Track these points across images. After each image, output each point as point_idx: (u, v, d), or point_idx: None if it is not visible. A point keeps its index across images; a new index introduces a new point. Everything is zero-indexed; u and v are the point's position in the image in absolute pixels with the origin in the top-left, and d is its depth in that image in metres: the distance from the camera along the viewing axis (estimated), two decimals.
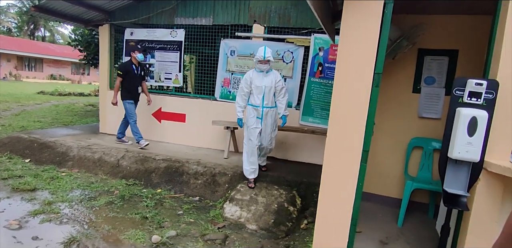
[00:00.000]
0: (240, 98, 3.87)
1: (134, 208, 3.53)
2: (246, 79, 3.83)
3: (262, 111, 3.85)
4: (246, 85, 3.84)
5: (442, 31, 3.22)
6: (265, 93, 3.81)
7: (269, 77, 3.83)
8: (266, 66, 3.74)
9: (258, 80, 3.79)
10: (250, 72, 3.87)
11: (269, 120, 3.90)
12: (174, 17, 5.49)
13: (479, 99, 1.73)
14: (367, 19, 1.97)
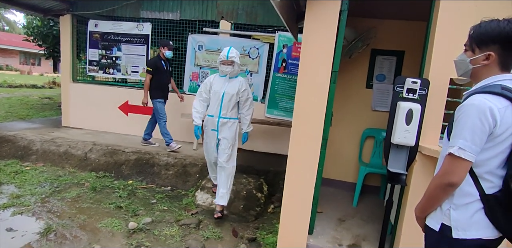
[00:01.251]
0: (198, 103, 3.41)
1: (107, 199, 3.62)
2: (206, 83, 3.40)
3: (217, 122, 3.31)
4: (205, 90, 3.40)
5: (391, 34, 3.64)
6: (223, 100, 3.28)
7: (232, 83, 3.32)
8: (229, 68, 3.23)
9: (218, 85, 3.32)
10: (212, 76, 3.45)
11: (226, 134, 3.32)
12: (140, 10, 5.49)
13: (415, 94, 2.10)
14: (325, 24, 2.27)
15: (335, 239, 2.76)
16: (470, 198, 1.30)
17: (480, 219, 1.29)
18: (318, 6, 2.26)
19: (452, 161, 1.27)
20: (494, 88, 1.26)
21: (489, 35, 1.31)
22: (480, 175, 1.28)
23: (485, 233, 1.29)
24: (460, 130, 1.25)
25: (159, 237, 2.90)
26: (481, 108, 1.21)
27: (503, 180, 1.25)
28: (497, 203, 1.26)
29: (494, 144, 1.24)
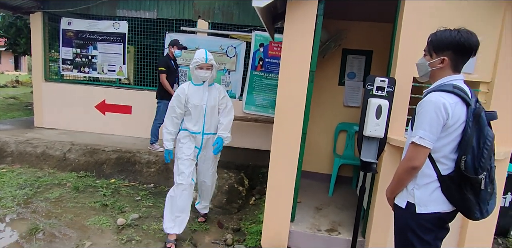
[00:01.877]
0: (170, 122, 2.82)
1: (91, 198, 3.66)
2: (178, 96, 2.79)
3: (202, 139, 2.88)
4: (178, 104, 2.79)
5: (360, 35, 3.92)
6: (206, 114, 2.84)
7: (212, 92, 2.86)
8: (208, 73, 2.76)
9: (196, 97, 2.79)
10: (184, 86, 2.83)
11: (210, 151, 2.93)
12: (116, 8, 5.46)
13: (383, 92, 2.35)
14: (303, 29, 2.47)
15: (314, 225, 3.00)
16: (429, 179, 1.55)
17: (437, 196, 1.55)
18: (297, 12, 2.46)
19: (414, 148, 1.52)
20: (447, 87, 1.52)
21: (443, 43, 1.57)
22: (437, 159, 1.54)
23: (442, 207, 1.56)
24: (420, 122, 1.50)
25: (148, 232, 3.01)
26: (436, 104, 1.47)
27: (455, 162, 1.51)
28: (451, 182, 1.52)
29: (447, 134, 1.50)
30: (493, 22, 2.36)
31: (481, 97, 2.48)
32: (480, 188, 1.46)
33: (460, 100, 1.49)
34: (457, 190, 1.52)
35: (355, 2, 3.18)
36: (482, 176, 1.44)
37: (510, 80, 2.38)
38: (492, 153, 1.48)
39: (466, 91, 1.53)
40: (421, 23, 2.38)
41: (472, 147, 1.46)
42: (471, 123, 1.47)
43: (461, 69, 1.61)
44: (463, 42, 1.52)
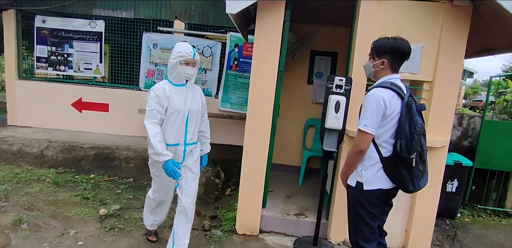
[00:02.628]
0: (155, 128, 2.29)
1: (72, 192, 3.79)
2: (158, 97, 2.29)
3: (184, 152, 2.45)
4: (159, 108, 2.30)
5: (327, 38, 4.28)
6: (189, 121, 2.42)
7: (195, 95, 2.47)
8: (194, 70, 2.38)
9: (177, 100, 2.35)
10: (162, 87, 2.34)
11: (191, 162, 2.51)
12: (93, 8, 5.54)
13: (341, 89, 2.69)
14: (272, 33, 2.77)
15: (284, 211, 3.31)
16: (374, 161, 1.90)
17: (380, 175, 1.90)
18: (266, 19, 2.76)
19: (360, 134, 1.85)
20: (386, 84, 1.88)
21: (383, 48, 1.92)
22: (379, 144, 1.88)
23: (384, 184, 1.91)
24: (364, 113, 1.84)
25: (130, 220, 3.21)
26: (377, 98, 1.81)
27: (393, 146, 1.86)
28: (390, 162, 1.87)
29: (386, 122, 1.84)
30: (433, 31, 2.75)
31: (425, 94, 2.88)
32: (412, 166, 1.81)
33: (396, 94, 1.84)
34: (395, 169, 1.86)
35: (321, 9, 3.52)
36: (413, 156, 1.79)
37: (447, 80, 2.78)
38: (421, 137, 1.84)
39: (401, 88, 1.88)
40: (373, 29, 2.73)
41: (405, 133, 1.81)
42: (404, 113, 1.82)
43: (398, 69, 1.97)
44: (397, 47, 1.88)
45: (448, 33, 2.72)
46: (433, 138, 2.74)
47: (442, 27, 2.73)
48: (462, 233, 3.64)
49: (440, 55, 2.76)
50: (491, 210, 4.29)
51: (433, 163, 2.81)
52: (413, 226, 2.95)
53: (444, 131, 2.81)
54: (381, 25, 2.74)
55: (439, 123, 2.81)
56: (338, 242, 3.01)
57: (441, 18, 2.73)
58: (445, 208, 3.88)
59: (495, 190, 4.37)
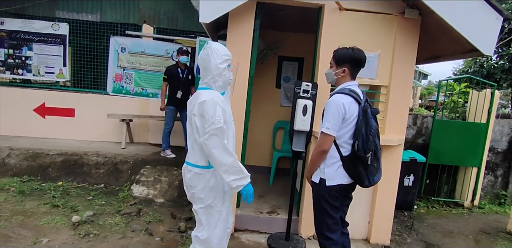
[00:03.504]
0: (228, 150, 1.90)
1: (40, 200, 3.69)
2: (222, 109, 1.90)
3: None
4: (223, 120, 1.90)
5: (294, 44, 4.51)
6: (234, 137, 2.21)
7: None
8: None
9: (229, 112, 2.08)
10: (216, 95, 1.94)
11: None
12: (56, 10, 5.39)
13: (308, 94, 2.90)
14: (243, 40, 2.93)
15: (257, 209, 3.47)
16: (335, 159, 2.11)
17: (340, 172, 2.12)
18: (237, 28, 2.91)
19: (323, 136, 2.05)
20: (345, 91, 2.10)
21: (343, 57, 2.15)
22: (340, 144, 2.10)
23: (343, 180, 2.13)
24: (327, 117, 2.05)
25: (104, 226, 3.21)
26: (337, 103, 2.03)
27: (351, 146, 2.08)
28: (349, 161, 2.10)
29: (346, 125, 2.07)
30: (388, 40, 3.05)
31: (382, 97, 3.17)
32: (368, 164, 2.05)
33: (354, 100, 2.07)
34: (353, 166, 2.09)
35: (288, 17, 3.73)
36: (369, 155, 2.03)
37: (401, 84, 3.09)
38: (375, 138, 2.07)
39: (358, 94, 2.12)
40: (336, 37, 2.98)
41: (362, 134, 2.03)
42: (361, 117, 2.05)
43: (355, 77, 2.21)
44: (356, 57, 2.13)
45: (400, 42, 3.03)
46: (390, 137, 3.03)
47: (395, 37, 3.03)
48: (418, 223, 4.00)
49: (394, 62, 3.06)
50: (443, 201, 4.75)
51: (390, 160, 3.13)
52: (375, 218, 3.23)
53: (400, 130, 3.12)
54: (343, 33, 2.99)
55: (395, 123, 3.10)
56: (308, 236, 3.22)
57: (395, 29, 3.03)
58: (403, 201, 4.23)
59: (446, 183, 4.83)
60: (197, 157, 2.00)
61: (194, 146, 2.01)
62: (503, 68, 7.05)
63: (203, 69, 2.00)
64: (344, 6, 2.92)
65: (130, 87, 5.66)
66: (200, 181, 2.00)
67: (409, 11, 2.96)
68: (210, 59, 1.95)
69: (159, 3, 5.45)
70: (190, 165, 2.03)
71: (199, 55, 2.00)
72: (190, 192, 2.08)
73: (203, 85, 2.02)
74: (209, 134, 1.84)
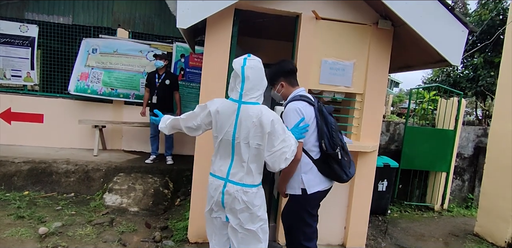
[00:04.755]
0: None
1: (3, 211, 3.48)
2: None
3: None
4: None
5: (271, 51, 4.54)
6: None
7: None
8: None
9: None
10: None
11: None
12: (24, 11, 5.17)
13: None
14: (221, 47, 2.92)
15: None
16: (309, 165, 2.15)
17: (318, 177, 2.16)
18: (215, 34, 2.90)
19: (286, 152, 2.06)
20: (296, 97, 2.20)
21: (274, 75, 2.29)
22: (308, 149, 2.15)
23: (321, 186, 2.19)
24: (290, 125, 2.07)
25: (74, 237, 3.05)
26: (293, 109, 2.12)
27: (319, 147, 2.13)
28: (321, 162, 2.15)
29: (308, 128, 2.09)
30: (363, 49, 3.14)
31: (357, 104, 3.25)
32: (339, 158, 2.11)
33: (307, 103, 2.14)
34: (327, 166, 2.15)
35: (264, 24, 3.77)
36: (337, 150, 2.10)
37: (375, 92, 3.18)
38: (338, 133, 2.17)
39: (309, 97, 2.20)
40: (313, 45, 3.04)
41: (325, 132, 2.11)
42: (319, 116, 2.13)
43: (296, 84, 2.30)
44: (284, 69, 2.27)
45: (374, 52, 3.13)
46: (365, 143, 3.11)
47: (369, 46, 3.13)
48: (392, 227, 4.10)
49: (369, 71, 3.15)
50: (415, 205, 4.90)
51: (365, 166, 3.20)
52: (351, 223, 3.28)
53: (374, 137, 3.20)
54: (319, 42, 3.05)
55: (370, 130, 3.19)
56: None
57: (369, 39, 3.13)
58: (377, 206, 4.33)
59: (417, 188, 5.00)
60: (254, 177, 1.93)
61: (249, 166, 1.92)
62: (468, 77, 7.46)
63: (255, 82, 1.90)
64: (320, 16, 2.99)
65: (97, 87, 5.35)
66: (260, 199, 1.97)
67: (382, 22, 3.08)
68: (263, 73, 1.93)
69: (134, 7, 5.36)
70: (247, 186, 1.92)
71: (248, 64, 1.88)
72: (246, 214, 1.94)
73: (253, 99, 1.91)
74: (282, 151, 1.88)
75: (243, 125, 1.87)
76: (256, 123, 1.85)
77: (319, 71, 3.10)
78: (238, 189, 1.91)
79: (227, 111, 1.92)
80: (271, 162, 1.89)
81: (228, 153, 1.96)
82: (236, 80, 1.93)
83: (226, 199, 1.94)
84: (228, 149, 1.95)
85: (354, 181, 3.24)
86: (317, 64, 3.09)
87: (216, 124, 1.96)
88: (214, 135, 2.00)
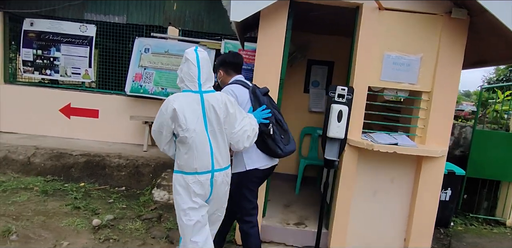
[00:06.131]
0: None
1: (62, 201, 3.64)
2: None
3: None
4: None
5: (323, 47, 4.32)
6: None
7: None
8: None
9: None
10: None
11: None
12: (84, 12, 5.43)
13: (343, 99, 2.70)
14: (275, 41, 2.78)
15: (283, 220, 3.27)
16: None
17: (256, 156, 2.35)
18: (269, 27, 2.76)
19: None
20: (233, 82, 2.44)
21: (216, 64, 2.58)
22: None
23: (260, 164, 2.37)
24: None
25: (124, 231, 3.10)
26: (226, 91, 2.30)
27: None
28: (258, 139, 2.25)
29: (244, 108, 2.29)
30: (432, 42, 2.81)
31: (423, 104, 2.92)
32: (271, 134, 2.29)
33: (241, 86, 2.38)
34: (262, 142, 2.31)
35: (319, 18, 3.56)
36: (270, 127, 2.28)
37: (445, 90, 2.84)
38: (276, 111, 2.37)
39: (245, 82, 2.44)
40: (374, 39, 2.78)
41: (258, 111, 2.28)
42: (252, 97, 2.34)
43: (232, 73, 2.50)
44: (224, 60, 2.52)
45: (446, 45, 2.79)
46: (432, 147, 2.78)
47: (440, 38, 2.79)
48: (456, 242, 3.67)
49: (438, 66, 2.81)
50: (483, 219, 4.37)
51: (431, 173, 2.87)
52: (412, 235, 2.96)
53: (443, 140, 2.86)
54: (381, 35, 2.79)
55: (438, 132, 2.85)
56: None
57: (440, 30, 2.79)
58: (439, 217, 3.89)
59: (486, 199, 4.46)
60: (228, 158, 2.15)
61: (224, 151, 2.10)
62: None
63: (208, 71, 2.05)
64: (384, 6, 2.72)
65: (149, 87, 5.50)
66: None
67: (457, 11, 2.72)
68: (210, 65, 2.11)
69: (185, 5, 5.40)
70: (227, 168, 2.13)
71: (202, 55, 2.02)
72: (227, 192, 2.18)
73: (210, 88, 2.08)
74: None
75: (212, 112, 2.00)
76: (223, 108, 2.02)
77: (381, 67, 2.84)
78: (223, 174, 2.08)
79: (191, 103, 1.97)
80: (235, 141, 2.11)
81: (205, 145, 1.99)
82: (191, 72, 1.97)
83: (214, 188, 2.05)
84: (204, 141, 1.98)
85: (417, 189, 2.93)
86: (379, 58, 2.83)
87: (184, 118, 1.93)
88: (184, 129, 1.94)
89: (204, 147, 1.97)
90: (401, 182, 3.00)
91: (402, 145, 2.69)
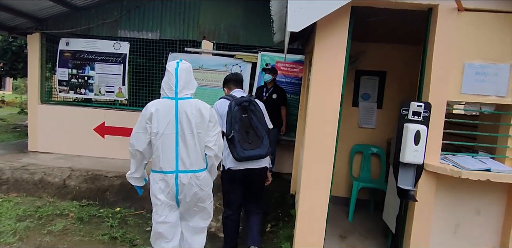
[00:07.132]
0: None
1: (98, 230, 3.40)
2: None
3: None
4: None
5: (374, 56, 3.91)
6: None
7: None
8: None
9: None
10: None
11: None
12: (118, 29, 5.36)
13: (419, 117, 2.30)
14: (335, 53, 2.43)
15: None
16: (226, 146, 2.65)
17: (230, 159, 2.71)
18: (328, 37, 2.42)
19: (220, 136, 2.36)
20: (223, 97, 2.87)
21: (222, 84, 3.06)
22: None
23: (232, 165, 2.74)
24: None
25: None
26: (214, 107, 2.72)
27: None
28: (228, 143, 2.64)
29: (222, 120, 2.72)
30: None
31: None
32: (233, 141, 2.59)
33: (225, 99, 2.79)
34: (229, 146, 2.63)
35: (374, 24, 3.18)
36: (232, 135, 2.57)
37: None
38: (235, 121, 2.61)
39: (232, 95, 2.83)
40: (453, 46, 2.37)
41: (229, 121, 2.62)
42: (227, 109, 2.65)
43: (233, 87, 2.94)
44: (226, 79, 3.04)
45: None
46: None
47: None
48: None
49: None
50: None
51: None
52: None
53: None
54: (461, 40, 2.37)
55: None
56: None
57: None
58: None
59: None
60: (201, 163, 2.27)
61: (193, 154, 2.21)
62: None
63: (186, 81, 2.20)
64: (464, 6, 2.31)
65: None
66: (209, 180, 2.37)
67: None
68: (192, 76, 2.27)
69: (219, 18, 5.21)
70: (198, 171, 2.24)
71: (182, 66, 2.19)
72: (200, 195, 2.27)
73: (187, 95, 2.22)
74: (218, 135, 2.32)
75: (184, 117, 2.16)
76: (196, 113, 2.17)
77: (461, 78, 2.41)
78: (191, 176, 2.20)
79: (165, 108, 2.15)
80: (216, 148, 2.26)
81: (171, 147, 2.16)
82: (169, 81, 2.17)
83: (180, 188, 2.20)
84: (171, 143, 2.16)
85: (510, 222, 2.43)
86: (458, 69, 2.41)
87: (157, 121, 2.13)
88: (154, 131, 2.15)
89: (169, 149, 2.16)
90: (489, 214, 2.50)
91: (496, 171, 2.22)
